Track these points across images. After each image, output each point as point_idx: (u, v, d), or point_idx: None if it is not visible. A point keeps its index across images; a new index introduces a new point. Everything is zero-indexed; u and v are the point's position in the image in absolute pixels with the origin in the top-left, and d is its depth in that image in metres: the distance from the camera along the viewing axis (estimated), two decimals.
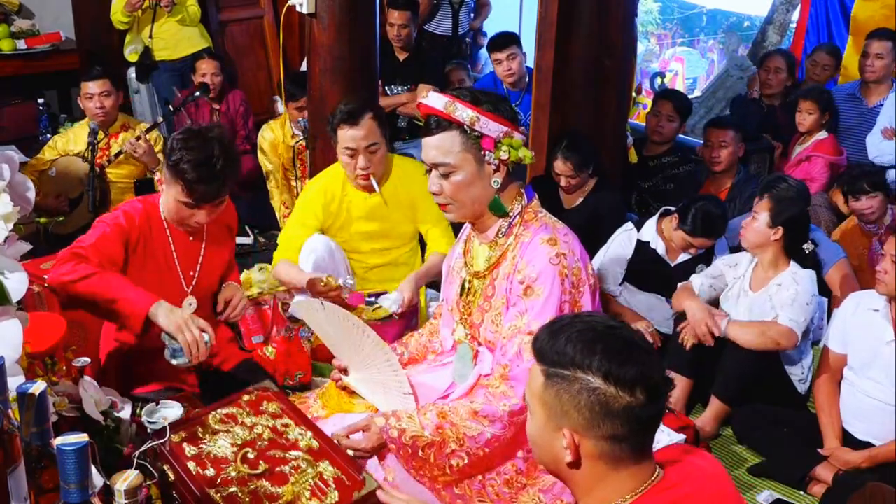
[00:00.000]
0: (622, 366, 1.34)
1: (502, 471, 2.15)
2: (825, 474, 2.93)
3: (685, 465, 1.49)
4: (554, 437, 1.40)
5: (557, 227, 2.17)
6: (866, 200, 3.86)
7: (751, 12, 9.52)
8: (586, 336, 1.38)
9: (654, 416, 1.38)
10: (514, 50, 5.18)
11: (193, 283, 2.76)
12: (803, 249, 3.32)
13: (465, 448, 2.08)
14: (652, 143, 4.86)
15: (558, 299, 2.05)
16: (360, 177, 3.27)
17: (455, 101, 2.05)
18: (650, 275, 3.76)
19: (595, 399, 1.34)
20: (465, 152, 2.08)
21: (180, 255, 2.73)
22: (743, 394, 3.21)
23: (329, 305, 2.33)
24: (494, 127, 2.06)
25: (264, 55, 6.63)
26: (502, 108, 2.10)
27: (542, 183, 4.19)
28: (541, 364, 1.42)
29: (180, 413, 2.26)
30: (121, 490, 1.37)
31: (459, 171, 2.09)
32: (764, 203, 3.27)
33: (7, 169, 1.87)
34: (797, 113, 4.69)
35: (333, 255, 3.32)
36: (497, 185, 2.12)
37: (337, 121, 3.22)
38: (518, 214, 2.17)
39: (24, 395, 1.44)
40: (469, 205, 2.15)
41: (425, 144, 2.13)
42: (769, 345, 3.15)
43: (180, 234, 2.72)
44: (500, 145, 2.07)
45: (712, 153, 4.34)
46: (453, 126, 2.07)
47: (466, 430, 2.07)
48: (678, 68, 9.06)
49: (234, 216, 2.93)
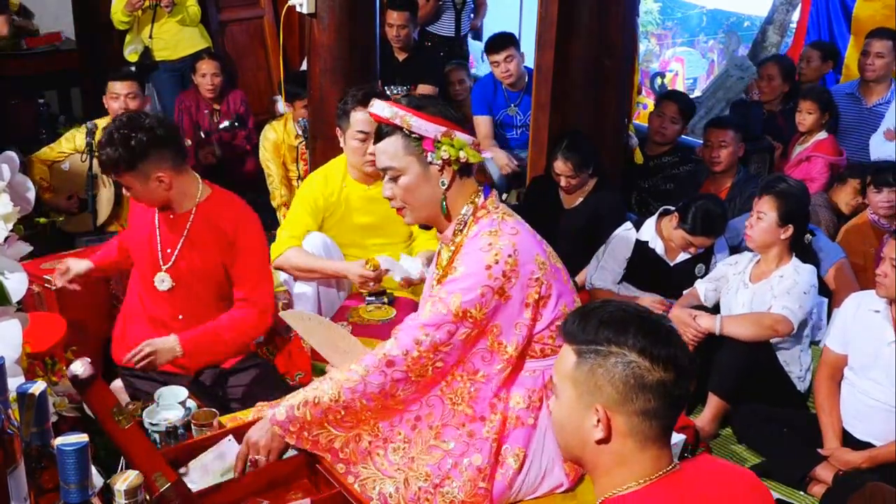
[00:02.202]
0: (655, 344, 1.39)
1: (389, 438, 2.12)
2: (825, 474, 2.93)
3: (705, 462, 1.53)
4: (584, 416, 1.43)
5: (507, 220, 2.16)
6: (887, 194, 3.84)
7: (751, 12, 9.50)
8: (618, 316, 1.43)
9: (682, 394, 1.43)
10: (511, 52, 5.18)
11: (171, 262, 2.83)
12: (804, 241, 3.33)
13: (346, 400, 2.04)
14: (653, 144, 4.86)
15: (477, 279, 2.04)
16: (369, 162, 3.25)
17: (396, 107, 2.13)
18: (649, 274, 3.76)
19: (630, 372, 1.39)
20: (409, 155, 2.14)
21: (162, 232, 2.83)
22: (739, 389, 3.21)
23: (314, 316, 2.37)
24: (432, 128, 2.12)
25: (264, 55, 6.63)
26: (444, 111, 2.16)
27: (542, 183, 4.20)
28: (572, 344, 1.45)
29: (181, 414, 2.27)
30: (121, 490, 1.37)
31: (406, 173, 2.16)
32: (770, 202, 3.26)
33: (7, 169, 1.87)
34: (797, 113, 4.69)
35: (329, 251, 3.31)
36: (444, 185, 2.16)
37: (351, 104, 3.22)
38: (471, 213, 2.18)
39: (24, 395, 1.45)
40: (420, 207, 2.20)
41: (376, 150, 2.21)
42: (766, 333, 3.16)
43: (170, 210, 2.82)
44: (439, 145, 2.12)
45: (712, 153, 4.34)
46: (396, 131, 2.14)
47: (346, 383, 2.05)
48: (678, 68, 9.05)
49: (241, 227, 2.85)
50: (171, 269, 2.84)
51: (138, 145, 2.61)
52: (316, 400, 2.03)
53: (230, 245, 2.82)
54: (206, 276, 2.86)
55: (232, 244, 2.82)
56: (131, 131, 2.62)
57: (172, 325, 2.89)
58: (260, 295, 2.87)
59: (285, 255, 3.27)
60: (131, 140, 2.61)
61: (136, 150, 2.62)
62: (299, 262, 3.27)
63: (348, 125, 3.25)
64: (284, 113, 5.08)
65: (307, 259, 3.26)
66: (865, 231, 3.99)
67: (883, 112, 4.87)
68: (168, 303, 2.88)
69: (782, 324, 3.13)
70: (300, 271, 3.30)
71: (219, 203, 2.85)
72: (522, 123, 5.20)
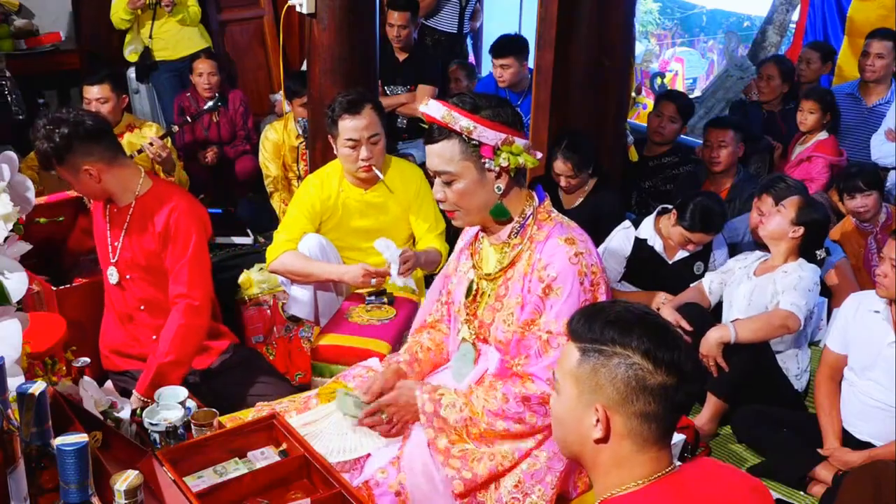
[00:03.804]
0: (659, 347, 1.39)
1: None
2: (825, 474, 2.93)
3: (705, 464, 1.53)
4: (584, 414, 1.43)
5: (572, 226, 2.19)
6: (861, 199, 3.86)
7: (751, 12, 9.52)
8: (624, 317, 1.43)
9: (683, 400, 1.43)
10: (509, 61, 5.19)
11: (116, 255, 2.91)
12: (816, 254, 3.34)
13: (485, 420, 2.14)
14: (652, 144, 4.86)
15: (577, 298, 2.07)
16: (362, 168, 3.24)
17: (452, 111, 2.06)
18: (648, 272, 3.77)
19: (632, 373, 1.39)
20: (466, 160, 2.09)
21: (111, 226, 2.91)
22: (738, 389, 3.21)
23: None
24: (492, 135, 2.06)
25: (264, 55, 6.63)
26: (502, 113, 2.10)
27: (542, 183, 4.18)
28: (577, 342, 1.45)
29: (181, 414, 2.27)
30: (121, 490, 1.37)
31: (461, 179, 2.11)
32: (794, 200, 3.30)
33: (7, 169, 1.87)
34: (799, 112, 4.69)
35: (326, 253, 3.30)
36: (500, 191, 2.13)
37: (338, 112, 3.20)
38: (531, 215, 2.18)
39: (24, 395, 1.44)
40: (474, 211, 2.16)
41: (428, 152, 2.15)
42: (777, 332, 3.15)
43: (114, 204, 2.89)
44: (499, 153, 2.07)
45: (712, 153, 4.34)
46: (453, 135, 2.08)
47: (487, 405, 2.14)
48: (678, 68, 9.06)
49: (177, 227, 2.83)
50: (117, 263, 2.92)
51: (62, 139, 2.70)
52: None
53: (163, 238, 2.84)
54: (150, 268, 2.90)
55: (164, 237, 2.84)
56: (56, 126, 2.71)
57: (139, 317, 2.95)
58: (194, 294, 2.83)
59: (280, 260, 3.25)
60: (55, 134, 2.70)
61: (60, 144, 2.70)
62: (295, 266, 3.24)
63: (338, 133, 3.23)
64: (286, 113, 5.07)
65: (303, 263, 3.23)
66: (853, 234, 4.01)
67: (883, 112, 4.87)
68: (126, 294, 2.96)
69: (791, 319, 3.12)
70: (296, 276, 3.28)
71: (156, 196, 2.87)
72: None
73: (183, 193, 2.96)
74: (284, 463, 2.01)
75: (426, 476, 2.15)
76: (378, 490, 2.12)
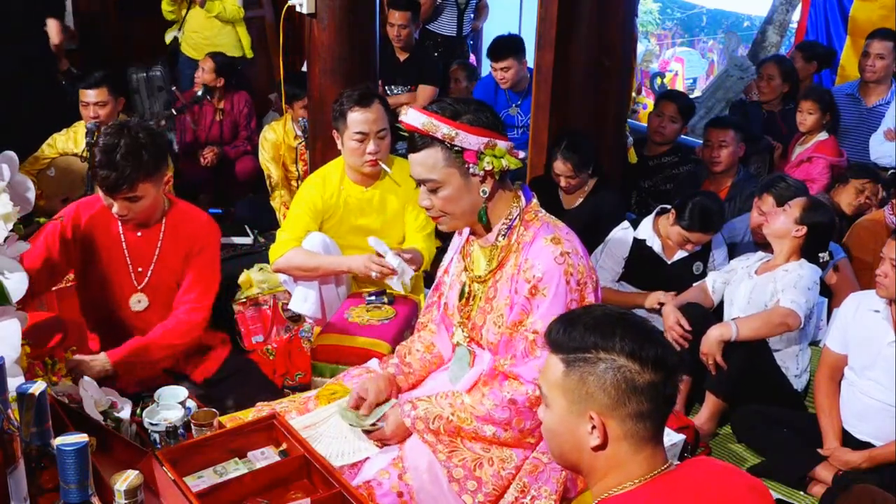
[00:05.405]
0: (643, 346, 1.40)
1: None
2: (825, 474, 2.93)
3: (702, 462, 1.54)
4: (578, 424, 1.43)
5: (559, 226, 2.18)
6: None
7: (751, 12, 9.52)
8: (603, 321, 1.43)
9: (672, 393, 1.44)
10: (508, 63, 5.19)
11: (145, 280, 2.76)
12: (819, 256, 3.34)
13: (474, 425, 2.14)
14: (652, 144, 4.86)
15: (564, 298, 2.07)
16: (369, 162, 3.25)
17: (433, 119, 2.06)
18: (647, 273, 3.76)
19: (621, 376, 1.39)
20: (449, 167, 2.09)
21: (131, 251, 2.75)
22: (737, 388, 3.21)
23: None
24: (474, 140, 2.07)
25: (264, 55, 6.63)
26: (483, 117, 2.10)
27: (541, 183, 4.19)
28: (559, 354, 1.45)
29: (181, 414, 2.27)
30: (121, 490, 1.37)
31: (446, 185, 2.11)
32: (801, 201, 3.31)
33: (7, 169, 1.87)
34: (798, 113, 4.69)
35: (329, 251, 3.30)
36: (485, 194, 2.13)
37: (347, 104, 3.21)
38: (517, 216, 2.17)
39: (24, 395, 1.44)
40: (461, 216, 2.17)
41: (411, 161, 2.15)
42: (778, 330, 3.15)
43: (131, 228, 2.73)
44: (482, 157, 2.08)
45: (712, 153, 4.34)
46: (435, 142, 2.08)
47: (475, 410, 2.13)
48: (678, 68, 9.06)
49: (206, 241, 2.82)
50: (146, 289, 2.78)
51: (153, 149, 2.58)
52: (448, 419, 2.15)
53: (191, 256, 2.79)
54: (175, 288, 2.81)
55: (193, 255, 2.78)
56: (133, 136, 2.56)
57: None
58: (206, 301, 2.80)
59: (286, 257, 3.26)
60: (142, 148, 2.55)
61: (153, 153, 2.57)
62: (301, 261, 3.25)
63: (345, 126, 3.24)
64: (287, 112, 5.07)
65: (309, 258, 3.25)
66: (878, 230, 3.96)
67: (883, 112, 4.87)
68: (144, 320, 2.81)
69: (791, 317, 3.12)
70: (303, 271, 3.28)
71: (184, 216, 2.81)
72: (523, 124, 5.20)
73: (199, 209, 2.92)
74: (284, 463, 2.01)
75: (431, 474, 2.15)
76: (380, 491, 2.11)
